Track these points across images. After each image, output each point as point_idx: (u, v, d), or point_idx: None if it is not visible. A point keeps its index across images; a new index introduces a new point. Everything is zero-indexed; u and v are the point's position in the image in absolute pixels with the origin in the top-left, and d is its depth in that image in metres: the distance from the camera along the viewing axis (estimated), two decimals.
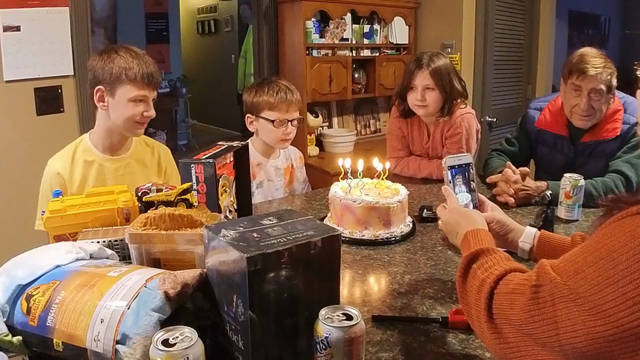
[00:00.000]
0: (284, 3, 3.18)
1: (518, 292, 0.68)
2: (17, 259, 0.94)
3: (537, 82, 3.88)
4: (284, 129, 1.93)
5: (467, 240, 0.91)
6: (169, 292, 0.80)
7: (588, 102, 1.72)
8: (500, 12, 3.50)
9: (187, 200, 1.16)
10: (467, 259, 0.83)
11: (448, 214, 1.05)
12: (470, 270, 0.81)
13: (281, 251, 0.78)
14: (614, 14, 5.68)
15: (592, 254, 0.61)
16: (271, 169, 2.02)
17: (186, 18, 7.51)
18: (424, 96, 2.00)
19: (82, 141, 1.64)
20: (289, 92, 1.94)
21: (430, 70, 1.99)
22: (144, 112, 1.57)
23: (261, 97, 1.93)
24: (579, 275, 0.61)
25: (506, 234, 1.08)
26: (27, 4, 2.26)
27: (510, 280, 0.72)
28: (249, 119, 1.99)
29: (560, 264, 0.65)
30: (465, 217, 1.00)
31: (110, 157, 1.64)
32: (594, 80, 1.70)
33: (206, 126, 7.31)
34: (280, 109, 1.91)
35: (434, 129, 2.11)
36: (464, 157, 1.16)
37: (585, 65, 1.71)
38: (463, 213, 1.02)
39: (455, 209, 1.05)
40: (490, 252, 0.83)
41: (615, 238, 0.59)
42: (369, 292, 1.19)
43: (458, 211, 1.04)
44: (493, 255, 0.82)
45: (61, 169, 1.56)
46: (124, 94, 1.53)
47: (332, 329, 0.76)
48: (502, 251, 0.84)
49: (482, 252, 0.83)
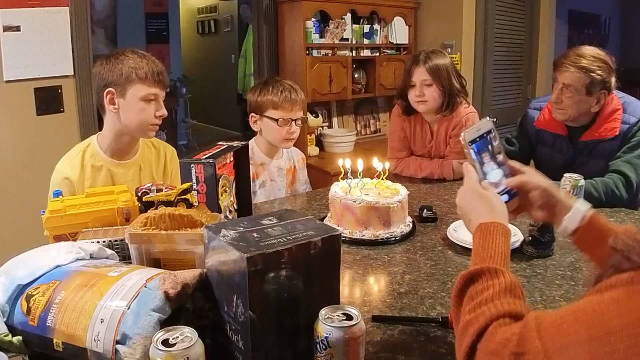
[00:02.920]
0: (284, 3, 3.18)
1: (497, 355, 0.58)
2: (17, 259, 0.94)
3: (537, 82, 3.89)
4: (287, 128, 1.93)
5: (477, 237, 0.79)
6: (169, 292, 0.80)
7: (558, 95, 1.79)
8: (500, 12, 3.50)
9: (187, 200, 1.16)
10: (464, 280, 0.71)
11: (462, 194, 0.89)
12: (465, 294, 0.70)
13: (281, 251, 0.78)
14: (614, 14, 5.68)
15: (587, 329, 0.50)
16: (274, 169, 2.02)
17: (186, 18, 7.51)
18: (422, 92, 2.02)
19: (89, 145, 1.61)
20: (293, 91, 1.94)
21: (426, 66, 2.01)
22: (156, 112, 1.56)
23: (265, 96, 1.93)
24: (567, 352, 0.51)
25: (551, 205, 0.90)
26: (27, 4, 2.26)
27: (494, 335, 0.61)
28: (253, 118, 1.99)
29: (549, 327, 0.54)
30: (482, 200, 0.84)
31: (118, 162, 1.62)
32: (565, 75, 1.76)
33: (206, 126, 7.32)
34: (284, 108, 1.91)
35: (438, 128, 2.12)
36: (483, 123, 0.91)
37: (564, 59, 1.77)
38: (479, 194, 0.85)
39: (471, 189, 0.87)
40: (492, 275, 0.70)
41: (618, 315, 0.49)
42: (369, 292, 1.19)
43: (473, 192, 0.87)
44: (493, 281, 0.69)
45: (70, 174, 1.54)
46: (136, 93, 1.53)
47: (332, 329, 0.76)
48: (508, 274, 0.70)
49: (483, 274, 0.70)
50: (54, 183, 1.54)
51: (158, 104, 1.58)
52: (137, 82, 1.52)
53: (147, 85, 1.53)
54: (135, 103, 1.53)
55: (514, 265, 1.28)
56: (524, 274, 1.23)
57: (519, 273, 1.24)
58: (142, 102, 1.53)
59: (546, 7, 3.81)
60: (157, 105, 1.57)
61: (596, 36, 5.32)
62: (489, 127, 0.91)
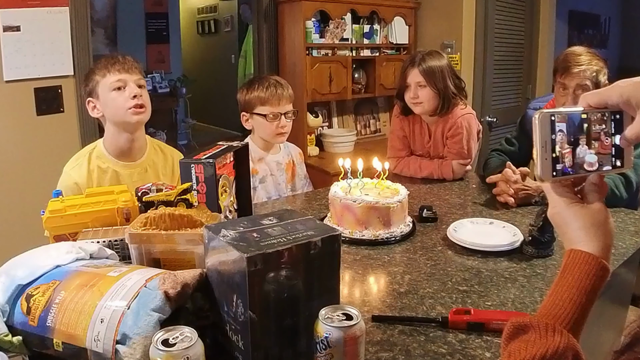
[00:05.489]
0: (284, 3, 3.18)
1: None
2: (17, 259, 0.94)
3: (537, 82, 3.89)
4: (277, 123, 1.96)
5: (564, 266, 0.66)
6: (169, 292, 0.80)
7: (573, 100, 1.75)
8: (500, 12, 3.50)
9: (187, 200, 1.16)
10: (514, 327, 0.61)
11: (551, 212, 0.70)
12: (511, 343, 0.60)
13: (281, 251, 0.78)
14: (614, 14, 5.67)
15: None
16: (273, 164, 2.04)
17: (186, 18, 7.51)
18: (417, 93, 2.02)
19: (95, 147, 1.65)
20: (279, 85, 1.97)
21: (420, 68, 2.01)
22: (130, 95, 1.57)
23: (252, 94, 1.97)
24: None
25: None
26: (27, 4, 2.25)
27: None
28: (244, 117, 2.02)
29: None
30: (573, 227, 0.67)
31: (124, 164, 1.65)
32: (577, 77, 1.74)
33: (206, 126, 7.31)
34: (271, 102, 1.95)
35: (435, 128, 2.12)
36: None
37: (569, 63, 1.75)
38: (565, 220, 0.68)
39: (559, 214, 0.69)
40: (543, 333, 0.58)
41: None
42: (369, 292, 1.19)
43: (562, 217, 0.69)
44: (538, 342, 0.57)
45: (78, 178, 1.57)
46: (103, 89, 1.58)
47: (332, 329, 0.76)
48: (559, 337, 0.58)
49: (532, 328, 0.59)
50: (63, 187, 1.55)
51: (131, 87, 1.58)
52: (100, 78, 1.58)
53: (109, 75, 1.57)
54: (107, 97, 1.58)
55: (514, 265, 1.29)
56: (524, 274, 1.23)
57: (519, 273, 1.24)
58: (112, 93, 1.57)
59: (546, 7, 3.81)
60: (130, 90, 1.58)
61: (596, 36, 5.31)
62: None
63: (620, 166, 0.67)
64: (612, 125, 0.66)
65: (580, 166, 0.66)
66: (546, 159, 0.66)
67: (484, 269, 1.27)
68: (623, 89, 0.62)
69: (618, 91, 0.62)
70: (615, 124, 0.65)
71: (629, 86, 0.62)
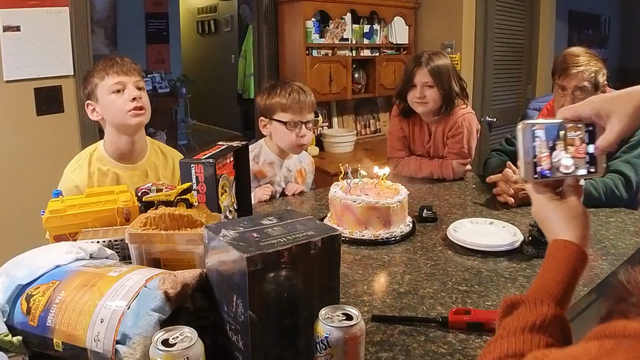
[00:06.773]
0: (284, 3, 3.18)
1: None
2: (17, 259, 0.94)
3: (537, 82, 3.89)
4: (297, 131, 1.87)
5: (548, 253, 0.71)
6: (169, 292, 0.80)
7: (572, 101, 1.74)
8: (500, 12, 3.50)
9: (187, 200, 1.16)
10: (507, 304, 0.66)
11: (534, 209, 0.78)
12: (505, 318, 0.65)
13: (281, 251, 0.77)
14: (614, 14, 5.68)
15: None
16: (283, 169, 1.99)
17: (186, 18, 7.51)
18: (424, 93, 2.01)
19: (96, 150, 1.65)
20: (302, 93, 1.89)
21: (428, 68, 2.00)
22: (129, 97, 1.56)
23: (274, 99, 1.88)
24: None
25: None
26: (27, 4, 2.25)
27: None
28: (262, 122, 1.94)
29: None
30: (553, 220, 0.74)
31: (124, 166, 1.64)
32: (575, 78, 1.73)
33: (206, 126, 7.31)
34: (293, 110, 1.86)
35: (435, 128, 2.12)
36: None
37: (567, 64, 1.75)
38: (549, 215, 0.75)
39: (541, 210, 0.76)
40: (532, 305, 0.63)
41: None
42: (369, 292, 1.19)
43: (544, 212, 0.76)
44: (529, 314, 0.62)
45: (79, 181, 1.56)
46: (103, 91, 1.57)
47: (332, 329, 0.76)
48: (548, 306, 0.63)
49: (523, 303, 0.64)
50: (64, 190, 1.53)
51: (130, 90, 1.58)
52: (99, 80, 1.58)
53: (107, 78, 1.57)
54: (107, 99, 1.57)
55: (514, 265, 1.29)
56: (524, 274, 1.23)
57: (519, 273, 1.24)
58: (112, 95, 1.57)
59: (546, 7, 3.81)
60: (129, 92, 1.57)
61: (596, 36, 5.31)
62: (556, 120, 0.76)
63: (594, 172, 0.76)
64: (586, 135, 0.74)
65: (557, 169, 0.75)
66: (528, 162, 0.74)
67: (484, 269, 1.27)
68: (594, 103, 0.71)
69: (590, 105, 0.71)
70: (590, 135, 0.74)
71: (599, 101, 0.71)
